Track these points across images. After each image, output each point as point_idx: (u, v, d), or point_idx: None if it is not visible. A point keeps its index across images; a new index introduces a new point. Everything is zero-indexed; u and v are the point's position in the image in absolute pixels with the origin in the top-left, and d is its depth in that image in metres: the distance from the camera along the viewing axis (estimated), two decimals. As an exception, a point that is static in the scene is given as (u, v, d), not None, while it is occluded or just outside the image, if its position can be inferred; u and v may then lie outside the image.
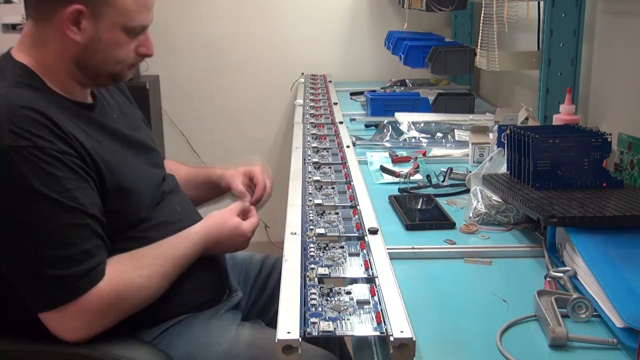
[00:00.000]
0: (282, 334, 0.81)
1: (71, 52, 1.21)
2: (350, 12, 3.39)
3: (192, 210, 1.48)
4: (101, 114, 1.31)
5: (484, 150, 1.75)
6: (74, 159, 1.14)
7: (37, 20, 1.22)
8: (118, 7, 1.20)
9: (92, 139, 1.21)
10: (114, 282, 1.16)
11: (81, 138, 1.17)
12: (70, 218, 1.12)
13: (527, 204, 1.18)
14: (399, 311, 0.87)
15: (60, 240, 1.11)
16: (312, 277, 1.00)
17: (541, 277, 1.09)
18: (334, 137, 1.93)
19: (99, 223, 1.17)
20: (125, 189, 1.24)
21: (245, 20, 3.37)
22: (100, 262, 1.15)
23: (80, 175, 1.15)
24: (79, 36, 1.19)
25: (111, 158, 1.23)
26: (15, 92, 1.16)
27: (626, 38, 1.68)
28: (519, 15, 1.78)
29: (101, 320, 1.16)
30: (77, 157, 1.15)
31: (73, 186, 1.13)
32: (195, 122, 3.46)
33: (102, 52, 1.22)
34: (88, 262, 1.13)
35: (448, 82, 3.10)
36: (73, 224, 1.12)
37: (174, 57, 3.36)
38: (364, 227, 1.20)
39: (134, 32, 1.24)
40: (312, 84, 2.95)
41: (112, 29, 1.21)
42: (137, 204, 1.27)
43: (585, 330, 0.92)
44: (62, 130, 1.14)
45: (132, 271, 1.19)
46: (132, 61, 1.28)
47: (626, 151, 1.40)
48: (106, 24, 1.20)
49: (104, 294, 1.14)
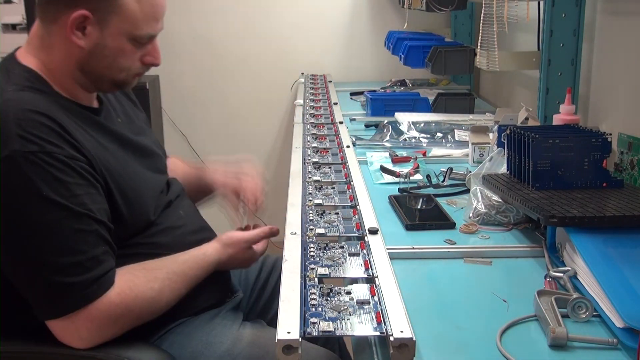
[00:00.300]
0: (282, 334, 0.81)
1: (75, 57, 1.19)
2: (350, 12, 3.39)
3: (196, 215, 1.47)
4: (107, 118, 1.30)
5: (484, 150, 1.75)
6: (83, 164, 1.13)
7: (43, 20, 1.21)
8: (125, 16, 1.18)
9: (98, 144, 1.20)
10: (125, 293, 1.14)
11: (89, 143, 1.17)
12: (79, 224, 1.10)
13: (527, 204, 1.18)
14: (399, 311, 0.87)
15: (69, 246, 1.10)
16: (312, 277, 1.00)
17: (541, 277, 1.09)
18: (334, 137, 1.93)
19: (107, 229, 1.16)
20: (130, 195, 1.23)
21: (246, 20, 3.37)
22: (109, 269, 1.14)
23: (89, 181, 1.14)
24: (83, 41, 1.18)
25: (117, 164, 1.22)
26: (23, 95, 1.14)
27: (626, 38, 1.68)
28: (519, 15, 1.78)
29: (109, 330, 1.14)
30: (86, 162, 1.14)
31: (82, 192, 1.12)
32: (195, 122, 3.46)
33: (106, 58, 1.20)
34: (97, 269, 1.12)
35: (448, 82, 3.10)
36: (81, 230, 1.11)
37: (174, 57, 3.35)
38: (364, 227, 1.20)
39: (140, 41, 1.22)
40: (312, 84, 2.95)
41: (118, 36, 1.19)
42: (141, 210, 1.26)
43: (585, 330, 0.92)
44: (71, 135, 1.13)
45: (144, 283, 1.18)
46: (138, 70, 1.26)
47: (626, 151, 1.40)
48: (112, 31, 1.18)
49: (114, 304, 1.13)
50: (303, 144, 1.85)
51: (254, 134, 3.46)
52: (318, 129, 2.05)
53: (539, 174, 1.27)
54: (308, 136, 1.94)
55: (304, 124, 2.13)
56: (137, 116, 1.45)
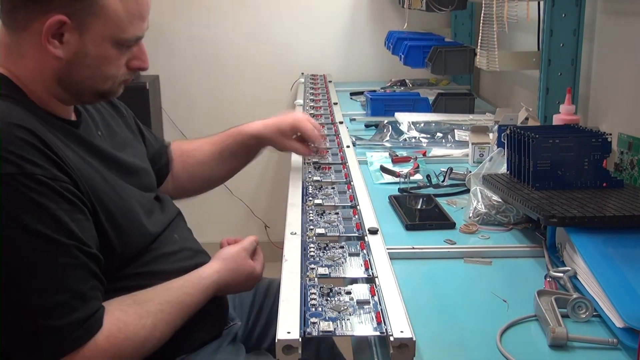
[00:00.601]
0: (282, 334, 0.81)
1: (52, 68, 1.05)
2: (350, 12, 3.39)
3: (190, 238, 1.33)
4: (86, 131, 1.14)
5: (484, 150, 1.75)
6: (67, 185, 0.99)
7: (9, 27, 1.05)
8: (108, 18, 1.04)
9: (82, 160, 1.06)
10: (114, 336, 1.01)
11: (73, 160, 1.03)
12: (65, 257, 0.97)
13: (527, 204, 1.18)
14: (399, 311, 0.87)
15: (54, 284, 0.96)
16: (312, 277, 1.00)
17: (541, 277, 1.09)
18: (334, 137, 1.93)
19: (96, 261, 1.02)
20: (119, 220, 1.09)
21: (245, 20, 3.37)
22: (97, 309, 1.00)
23: (75, 205, 0.99)
24: (61, 50, 1.03)
25: (103, 183, 1.08)
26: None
27: (626, 38, 1.68)
28: (519, 15, 1.78)
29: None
30: (70, 183, 1.00)
31: (68, 218, 0.97)
32: (195, 122, 3.45)
33: (88, 68, 1.06)
34: (83, 308, 0.98)
35: (448, 82, 3.10)
36: (68, 264, 0.97)
37: (174, 57, 3.36)
38: (364, 227, 1.20)
39: (126, 44, 1.09)
40: (312, 84, 2.95)
41: (101, 42, 1.05)
42: (133, 236, 1.12)
43: (585, 330, 0.92)
44: (54, 152, 0.99)
45: (135, 321, 1.04)
46: (124, 77, 1.12)
47: (626, 151, 1.40)
48: (94, 36, 1.04)
49: (102, 350, 0.99)
50: (303, 144, 1.85)
51: (254, 134, 3.46)
52: (318, 129, 2.05)
53: (539, 174, 1.27)
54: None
55: (304, 124, 2.12)
56: (120, 126, 1.30)
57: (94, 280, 1.01)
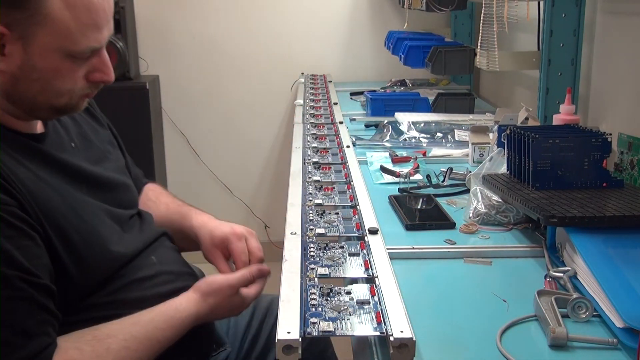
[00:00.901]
0: (282, 334, 0.81)
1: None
2: (350, 12, 3.39)
3: (172, 260, 1.19)
4: (53, 145, 1.05)
5: (484, 150, 1.76)
6: (13, 208, 0.90)
7: None
8: (54, 28, 0.93)
9: (37, 178, 0.96)
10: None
11: (24, 180, 0.93)
12: (7, 289, 0.86)
13: (527, 204, 1.18)
14: (399, 311, 0.87)
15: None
16: (312, 277, 1.00)
17: (541, 277, 1.09)
18: (334, 137, 1.93)
19: (47, 292, 0.91)
20: (78, 245, 0.99)
21: (245, 20, 3.37)
22: (45, 346, 0.89)
23: (21, 230, 0.90)
24: (4, 64, 0.94)
25: (61, 203, 0.98)
26: None
27: (626, 38, 1.68)
28: (519, 15, 1.78)
29: None
30: (17, 206, 0.90)
31: (10, 246, 0.87)
32: (195, 122, 3.46)
33: (37, 82, 0.96)
34: (28, 346, 0.87)
35: (448, 82, 3.10)
36: (10, 298, 0.87)
37: (174, 57, 3.36)
38: (364, 227, 1.20)
39: (80, 56, 0.97)
40: (312, 84, 2.95)
41: (49, 54, 0.95)
42: (95, 262, 1.01)
43: (585, 330, 0.92)
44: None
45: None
46: (84, 91, 1.02)
47: (626, 151, 1.40)
48: (40, 48, 0.94)
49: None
50: (303, 144, 1.85)
51: (254, 134, 3.46)
52: (318, 129, 2.05)
53: (539, 174, 1.27)
54: (308, 136, 1.94)
55: (304, 124, 2.13)
56: (98, 137, 1.20)
57: (43, 313, 0.91)
